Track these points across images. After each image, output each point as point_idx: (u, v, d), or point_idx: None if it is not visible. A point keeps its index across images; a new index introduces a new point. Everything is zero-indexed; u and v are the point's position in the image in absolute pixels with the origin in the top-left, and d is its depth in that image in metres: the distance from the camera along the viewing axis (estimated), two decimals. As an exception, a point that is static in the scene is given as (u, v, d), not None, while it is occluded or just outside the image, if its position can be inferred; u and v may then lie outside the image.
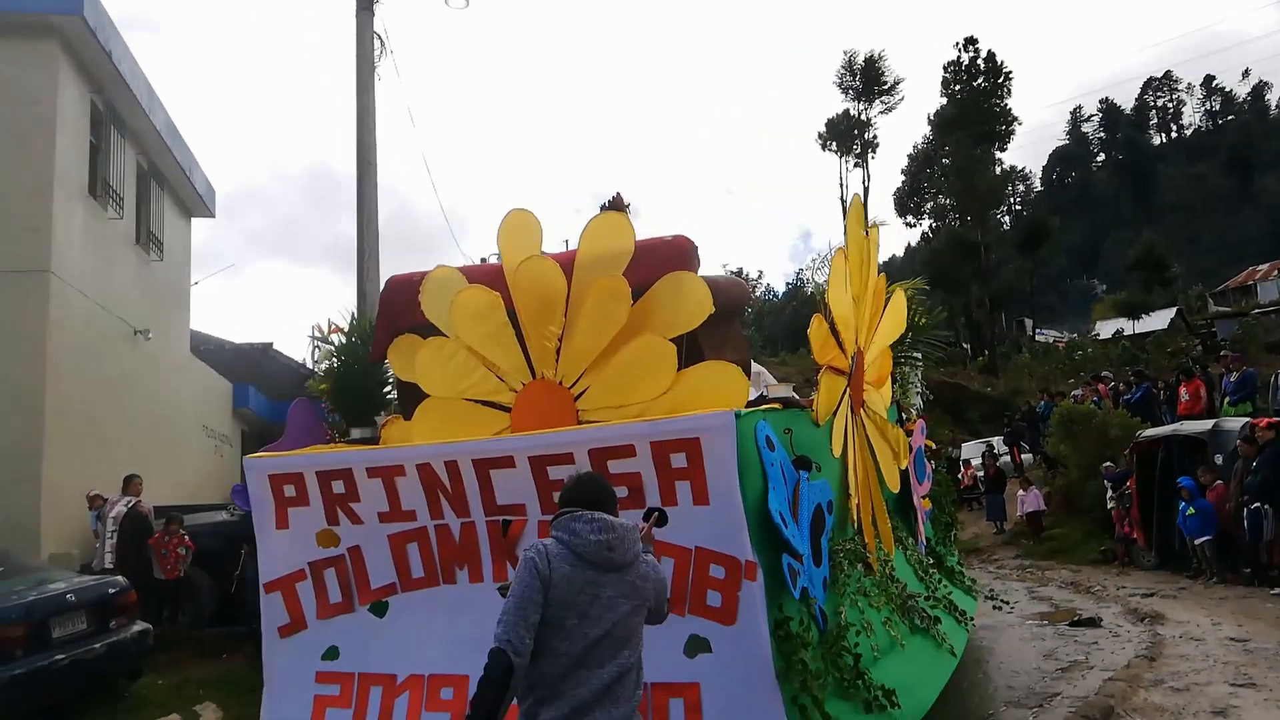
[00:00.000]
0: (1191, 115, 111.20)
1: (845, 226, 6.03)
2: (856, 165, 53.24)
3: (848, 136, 52.92)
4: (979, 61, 46.56)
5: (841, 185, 53.03)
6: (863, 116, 52.87)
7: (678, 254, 5.44)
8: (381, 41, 11.64)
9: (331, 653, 5.24)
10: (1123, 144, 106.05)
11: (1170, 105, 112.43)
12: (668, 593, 3.39)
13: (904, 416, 8.34)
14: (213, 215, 18.35)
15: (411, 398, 5.88)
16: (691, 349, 5.17)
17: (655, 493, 4.40)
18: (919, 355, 9.37)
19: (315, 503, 5.27)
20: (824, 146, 53.91)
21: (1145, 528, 13.29)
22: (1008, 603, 8.41)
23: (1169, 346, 33.62)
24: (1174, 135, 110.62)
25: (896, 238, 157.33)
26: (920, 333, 8.97)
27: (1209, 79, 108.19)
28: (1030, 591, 12.45)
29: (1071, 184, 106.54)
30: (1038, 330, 56.28)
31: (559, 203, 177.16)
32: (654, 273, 5.21)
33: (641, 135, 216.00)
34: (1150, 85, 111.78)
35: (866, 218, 6.50)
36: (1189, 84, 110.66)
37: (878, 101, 52.67)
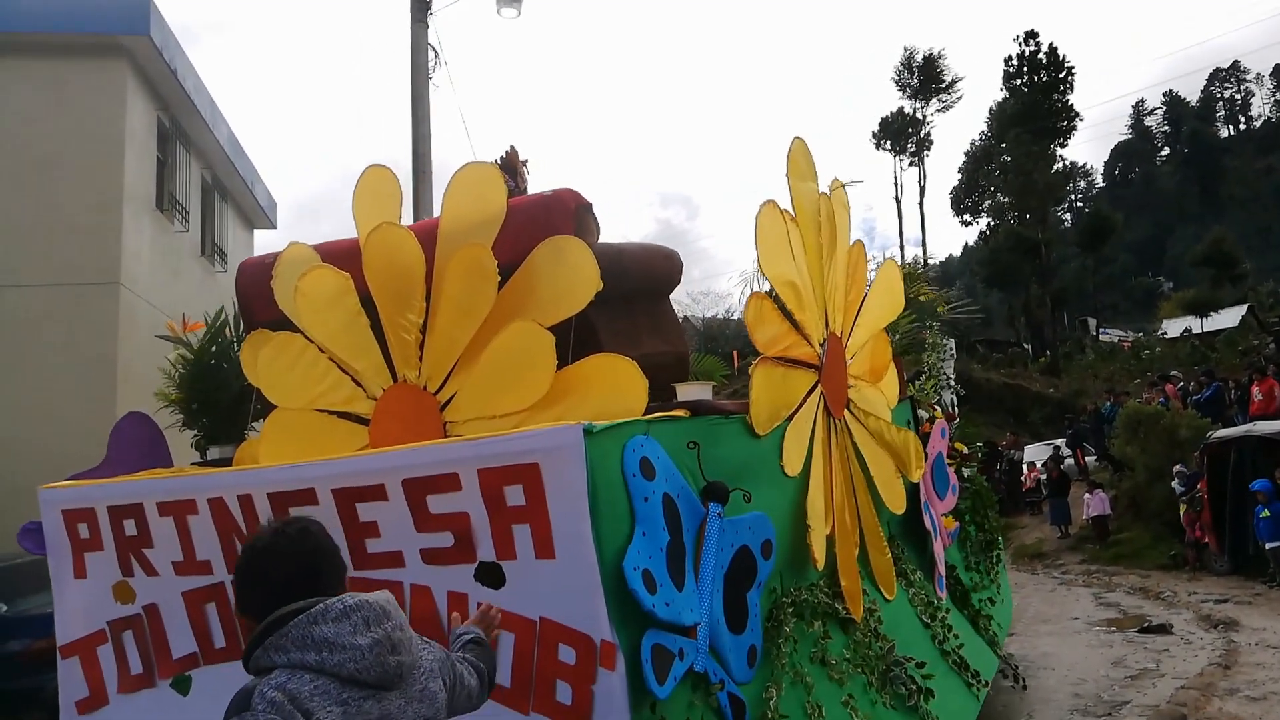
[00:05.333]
0: (1260, 106, 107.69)
1: (787, 179, 4.66)
2: (912, 164, 52.65)
3: (902, 135, 52.32)
4: (1040, 56, 45.73)
5: (896, 184, 52.41)
6: (919, 114, 52.24)
7: (560, 214, 4.18)
8: (435, 52, 11.78)
9: None
10: (1188, 137, 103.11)
11: (1238, 96, 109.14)
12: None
13: (918, 417, 7.01)
14: (274, 227, 18.86)
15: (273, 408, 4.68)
16: (587, 339, 4.01)
17: (488, 542, 3.22)
18: (950, 343, 8.27)
19: (109, 547, 4.14)
20: (878, 145, 53.37)
21: (1217, 532, 12.93)
22: (1021, 680, 6.93)
23: (1240, 345, 32.53)
24: (1242, 127, 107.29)
25: (953, 237, 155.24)
26: (926, 311, 7.66)
27: (1279, 68, 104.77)
28: (1097, 597, 12.17)
29: (1135, 179, 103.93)
30: (1101, 329, 54.86)
31: (624, 204, 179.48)
32: (533, 240, 4.01)
33: (701, 133, 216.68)
34: (1216, 76, 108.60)
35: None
36: (1257, 74, 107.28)
37: (935, 100, 52.00)
